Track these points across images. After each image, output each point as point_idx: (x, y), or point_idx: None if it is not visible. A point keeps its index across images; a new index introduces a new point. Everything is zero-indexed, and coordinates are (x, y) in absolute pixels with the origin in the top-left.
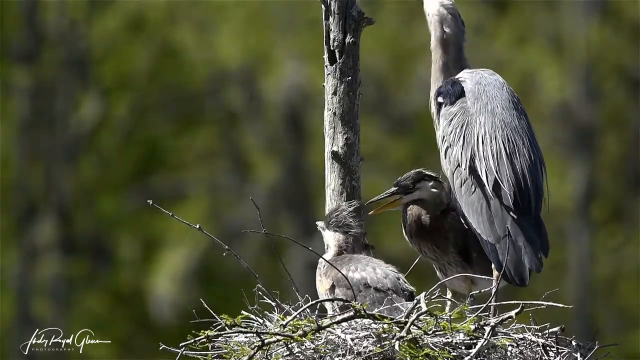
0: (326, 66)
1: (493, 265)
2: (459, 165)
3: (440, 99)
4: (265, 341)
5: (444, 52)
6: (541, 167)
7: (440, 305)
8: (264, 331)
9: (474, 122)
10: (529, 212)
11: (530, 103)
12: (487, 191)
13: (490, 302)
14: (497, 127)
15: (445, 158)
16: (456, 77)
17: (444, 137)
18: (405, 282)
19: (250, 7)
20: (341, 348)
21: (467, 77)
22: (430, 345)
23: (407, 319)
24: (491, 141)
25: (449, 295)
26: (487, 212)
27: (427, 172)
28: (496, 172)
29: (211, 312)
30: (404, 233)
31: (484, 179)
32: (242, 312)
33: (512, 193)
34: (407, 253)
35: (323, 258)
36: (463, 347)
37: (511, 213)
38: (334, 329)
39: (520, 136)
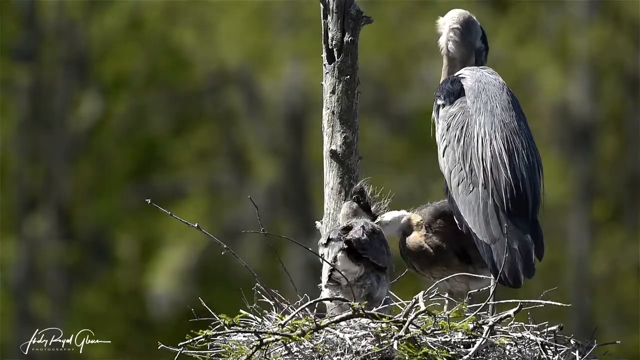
0: (325, 65)
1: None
2: (457, 165)
3: (439, 101)
4: (264, 340)
5: (449, 64)
6: (539, 170)
7: (439, 304)
8: (263, 330)
9: (474, 123)
10: (525, 214)
11: (530, 102)
12: (484, 192)
13: (488, 301)
14: (497, 128)
15: (444, 157)
16: (456, 74)
17: (443, 135)
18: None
19: (250, 6)
20: (340, 347)
21: (467, 75)
22: (429, 344)
23: (405, 318)
24: (490, 142)
25: (445, 294)
26: (483, 212)
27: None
28: (495, 173)
29: (210, 311)
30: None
31: (481, 179)
32: (241, 311)
33: (509, 195)
34: None
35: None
36: (461, 346)
37: (507, 215)
38: (332, 328)
39: (520, 138)
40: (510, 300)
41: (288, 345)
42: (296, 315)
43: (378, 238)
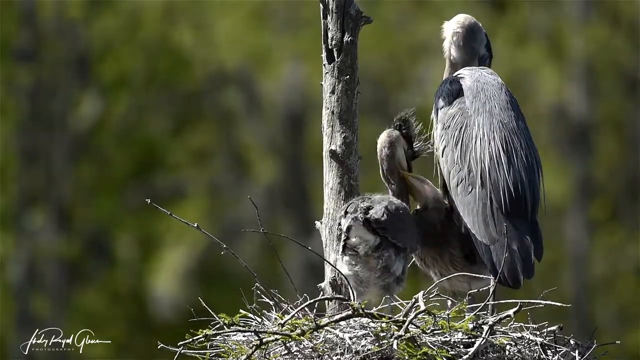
0: (324, 65)
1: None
2: (455, 165)
3: (438, 102)
4: (264, 340)
5: (451, 67)
6: (538, 169)
7: (439, 304)
8: (262, 330)
9: (472, 123)
10: (524, 215)
11: (528, 102)
12: (483, 192)
13: (488, 301)
14: (495, 128)
15: (443, 157)
16: (455, 74)
17: (442, 136)
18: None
19: (249, 6)
20: (339, 347)
21: (466, 75)
22: (429, 344)
23: (405, 318)
24: (489, 143)
25: (447, 294)
26: (482, 213)
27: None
28: (493, 174)
29: (209, 311)
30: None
31: (480, 180)
32: (241, 311)
33: (508, 196)
34: None
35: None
36: (461, 346)
37: (506, 215)
38: (332, 327)
39: (518, 138)
40: (510, 301)
41: (288, 344)
42: (296, 314)
43: (400, 217)
